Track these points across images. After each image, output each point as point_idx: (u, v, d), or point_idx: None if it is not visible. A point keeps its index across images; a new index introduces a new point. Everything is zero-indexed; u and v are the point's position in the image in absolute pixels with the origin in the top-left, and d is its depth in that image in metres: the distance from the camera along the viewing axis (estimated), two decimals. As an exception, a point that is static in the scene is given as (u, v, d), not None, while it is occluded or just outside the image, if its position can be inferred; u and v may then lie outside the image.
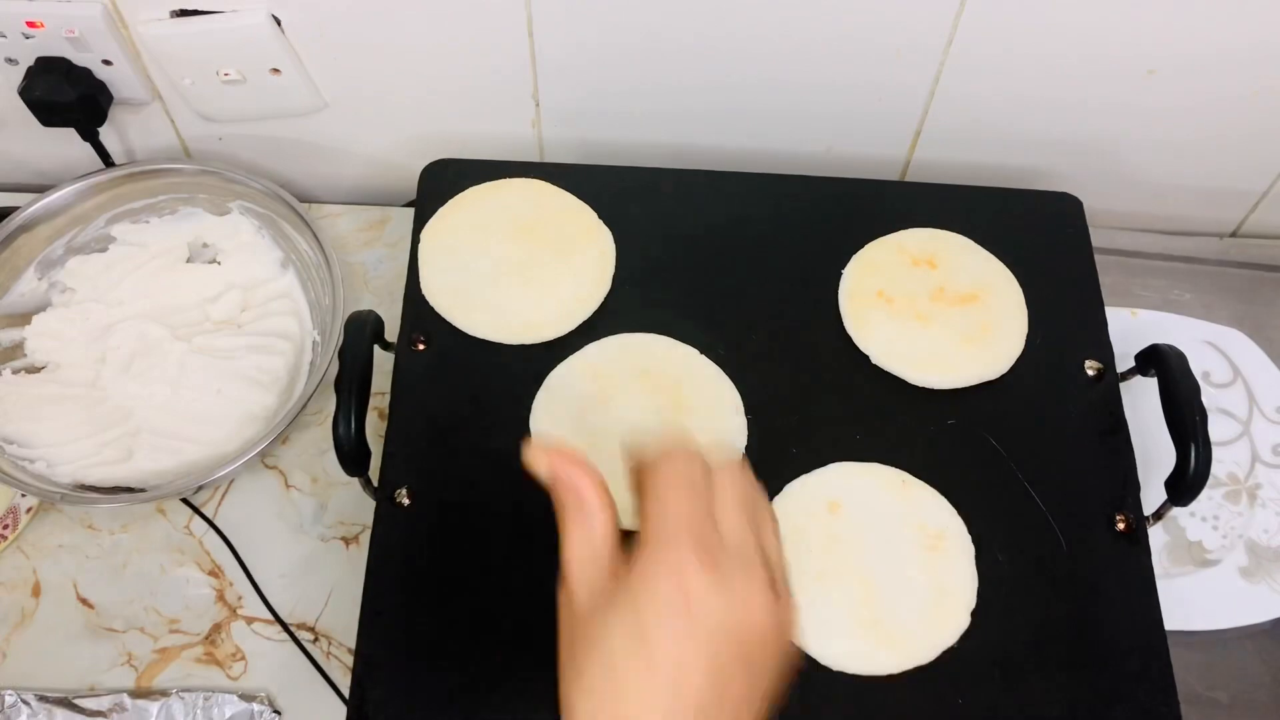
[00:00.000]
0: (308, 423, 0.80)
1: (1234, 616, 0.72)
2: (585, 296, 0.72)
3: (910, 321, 0.71)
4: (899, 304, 0.71)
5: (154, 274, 0.83)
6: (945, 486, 0.66)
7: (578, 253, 0.73)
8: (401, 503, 0.65)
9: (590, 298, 0.72)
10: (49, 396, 0.78)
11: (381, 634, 0.61)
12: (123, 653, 0.71)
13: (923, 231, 0.75)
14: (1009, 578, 0.63)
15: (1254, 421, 0.79)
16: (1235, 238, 0.92)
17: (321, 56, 0.79)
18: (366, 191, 0.92)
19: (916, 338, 0.70)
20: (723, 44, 0.78)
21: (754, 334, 0.71)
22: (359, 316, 0.68)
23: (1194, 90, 0.79)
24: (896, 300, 0.71)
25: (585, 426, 0.67)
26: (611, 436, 0.51)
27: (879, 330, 0.71)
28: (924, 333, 0.70)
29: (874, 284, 0.72)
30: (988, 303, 0.72)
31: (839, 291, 0.73)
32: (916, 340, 0.70)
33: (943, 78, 0.79)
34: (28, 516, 0.75)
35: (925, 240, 0.74)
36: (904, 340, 0.70)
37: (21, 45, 0.76)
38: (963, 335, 0.70)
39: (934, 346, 0.70)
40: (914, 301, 0.71)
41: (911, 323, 0.71)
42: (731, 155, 0.86)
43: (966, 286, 0.72)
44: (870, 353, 0.70)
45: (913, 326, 0.70)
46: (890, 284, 0.72)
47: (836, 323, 0.72)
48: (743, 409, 0.68)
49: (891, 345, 0.70)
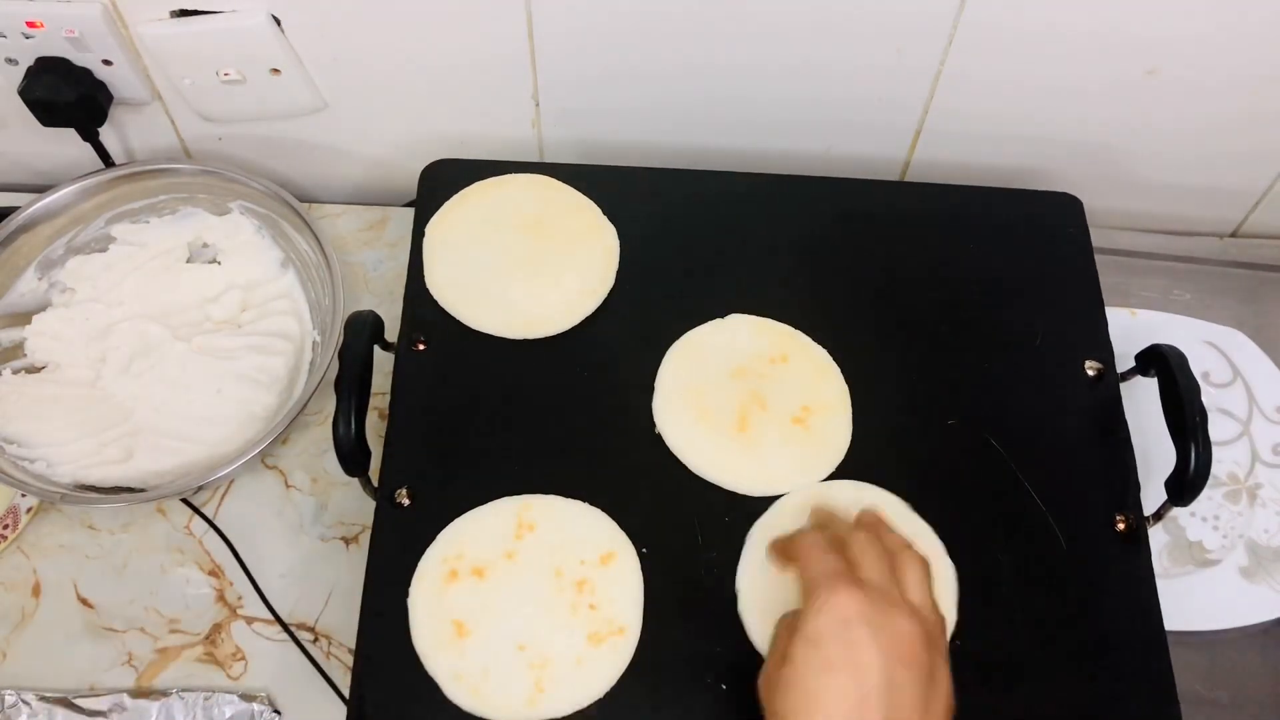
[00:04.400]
0: (308, 423, 0.80)
1: (1234, 616, 0.72)
2: (590, 291, 0.72)
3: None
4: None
5: (154, 274, 0.83)
6: (945, 488, 0.66)
7: (582, 248, 0.73)
8: (401, 503, 0.65)
9: (594, 293, 0.72)
10: (49, 396, 0.78)
11: (381, 634, 0.61)
12: (123, 653, 0.71)
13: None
14: (1009, 578, 0.63)
15: (1254, 421, 0.79)
16: (1235, 238, 0.92)
17: (321, 56, 0.79)
18: (366, 191, 0.92)
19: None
20: (722, 44, 0.77)
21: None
22: (359, 316, 0.68)
23: (1194, 90, 0.79)
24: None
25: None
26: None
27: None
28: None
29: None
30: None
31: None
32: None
33: (943, 77, 0.79)
34: (28, 516, 0.75)
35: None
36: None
37: (21, 45, 0.76)
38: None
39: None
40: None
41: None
42: (731, 155, 0.86)
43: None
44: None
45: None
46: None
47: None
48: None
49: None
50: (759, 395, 0.68)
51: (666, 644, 0.61)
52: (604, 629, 0.60)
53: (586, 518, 0.64)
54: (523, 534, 0.63)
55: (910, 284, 0.74)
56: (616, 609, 0.61)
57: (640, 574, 0.63)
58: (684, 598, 0.62)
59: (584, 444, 0.67)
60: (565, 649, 0.60)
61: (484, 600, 0.61)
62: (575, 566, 0.62)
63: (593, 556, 0.63)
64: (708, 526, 0.64)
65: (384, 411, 0.76)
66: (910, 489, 0.66)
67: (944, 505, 0.65)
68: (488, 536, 0.63)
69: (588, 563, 0.62)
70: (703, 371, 0.69)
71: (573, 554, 0.63)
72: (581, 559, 0.62)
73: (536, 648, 0.60)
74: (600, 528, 0.64)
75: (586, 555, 0.62)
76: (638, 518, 0.64)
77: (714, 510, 0.65)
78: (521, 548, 0.63)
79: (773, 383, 0.69)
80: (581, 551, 0.63)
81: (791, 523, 0.63)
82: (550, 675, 0.59)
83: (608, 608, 0.61)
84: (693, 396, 0.68)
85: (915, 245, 0.75)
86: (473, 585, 0.61)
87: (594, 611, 0.61)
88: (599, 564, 0.62)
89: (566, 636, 0.60)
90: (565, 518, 0.64)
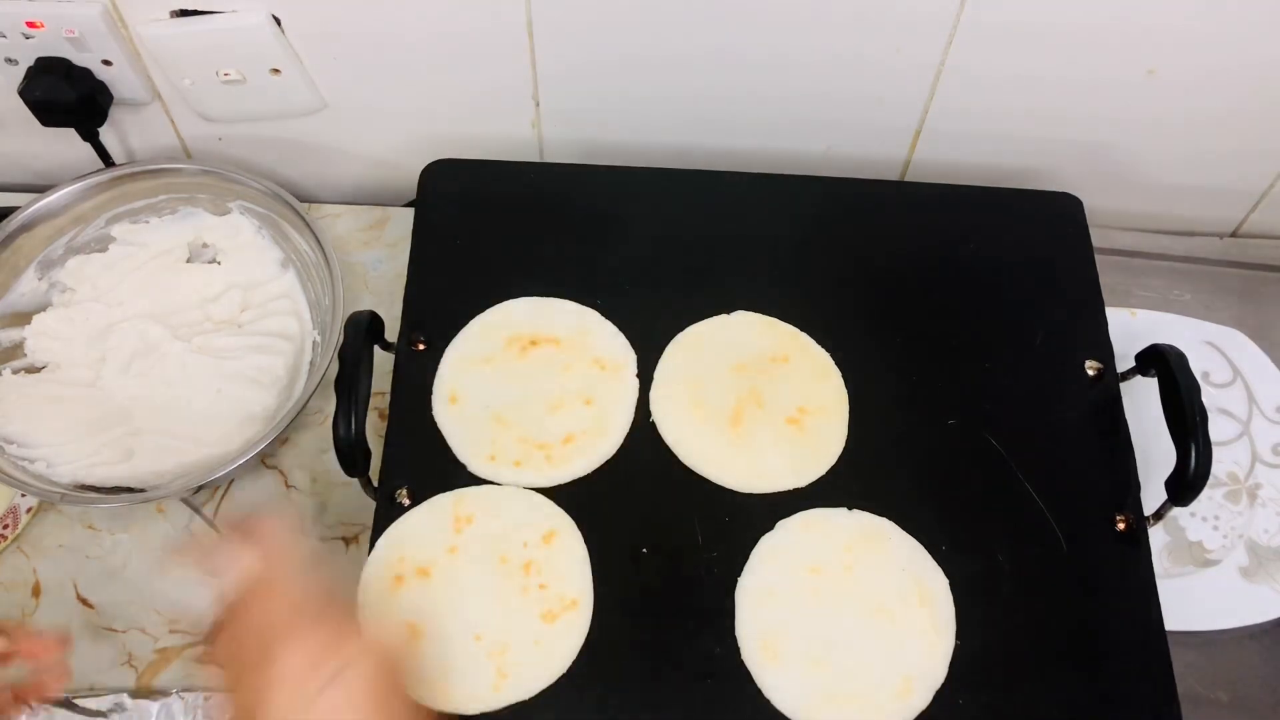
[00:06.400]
0: (308, 423, 0.80)
1: (1234, 616, 0.72)
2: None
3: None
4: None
5: (154, 274, 0.83)
6: (945, 488, 0.66)
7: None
8: (401, 503, 0.65)
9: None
10: (49, 396, 0.78)
11: (381, 634, 0.61)
12: (123, 653, 0.71)
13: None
14: (1009, 578, 0.63)
15: (1254, 421, 0.79)
16: (1235, 238, 0.92)
17: (321, 56, 0.79)
18: (366, 191, 0.92)
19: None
20: (722, 44, 0.77)
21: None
22: (358, 317, 0.68)
23: (1194, 90, 0.79)
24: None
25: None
26: None
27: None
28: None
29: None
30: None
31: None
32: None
33: (943, 77, 0.79)
34: (28, 516, 0.75)
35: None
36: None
37: (21, 45, 0.76)
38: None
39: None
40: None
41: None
42: (731, 155, 0.86)
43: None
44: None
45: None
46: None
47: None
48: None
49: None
50: (757, 393, 0.68)
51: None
52: (557, 605, 0.61)
53: (523, 501, 0.65)
54: (461, 527, 0.63)
55: (910, 284, 0.74)
56: (566, 584, 0.62)
57: (584, 546, 0.63)
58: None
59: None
60: (522, 632, 0.60)
61: (433, 598, 0.61)
62: (519, 550, 0.62)
63: (535, 538, 0.63)
64: (698, 520, 0.65)
65: (384, 411, 0.76)
66: (910, 489, 0.66)
67: (944, 505, 0.65)
68: (426, 535, 0.63)
69: (531, 544, 0.63)
70: (703, 364, 0.69)
71: (515, 539, 0.63)
72: (524, 541, 0.63)
73: (493, 636, 0.60)
74: (538, 509, 0.64)
75: (529, 537, 0.63)
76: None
77: (699, 501, 0.65)
78: (462, 541, 0.63)
79: (772, 382, 0.69)
80: (523, 535, 0.63)
81: (796, 540, 0.64)
82: (511, 660, 0.60)
83: (557, 584, 0.62)
84: (692, 387, 0.68)
85: (915, 245, 0.75)
86: (420, 586, 0.62)
87: (544, 590, 0.61)
88: (543, 544, 0.63)
89: (521, 619, 0.61)
90: (501, 505, 0.64)
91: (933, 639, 0.61)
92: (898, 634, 0.61)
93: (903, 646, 0.61)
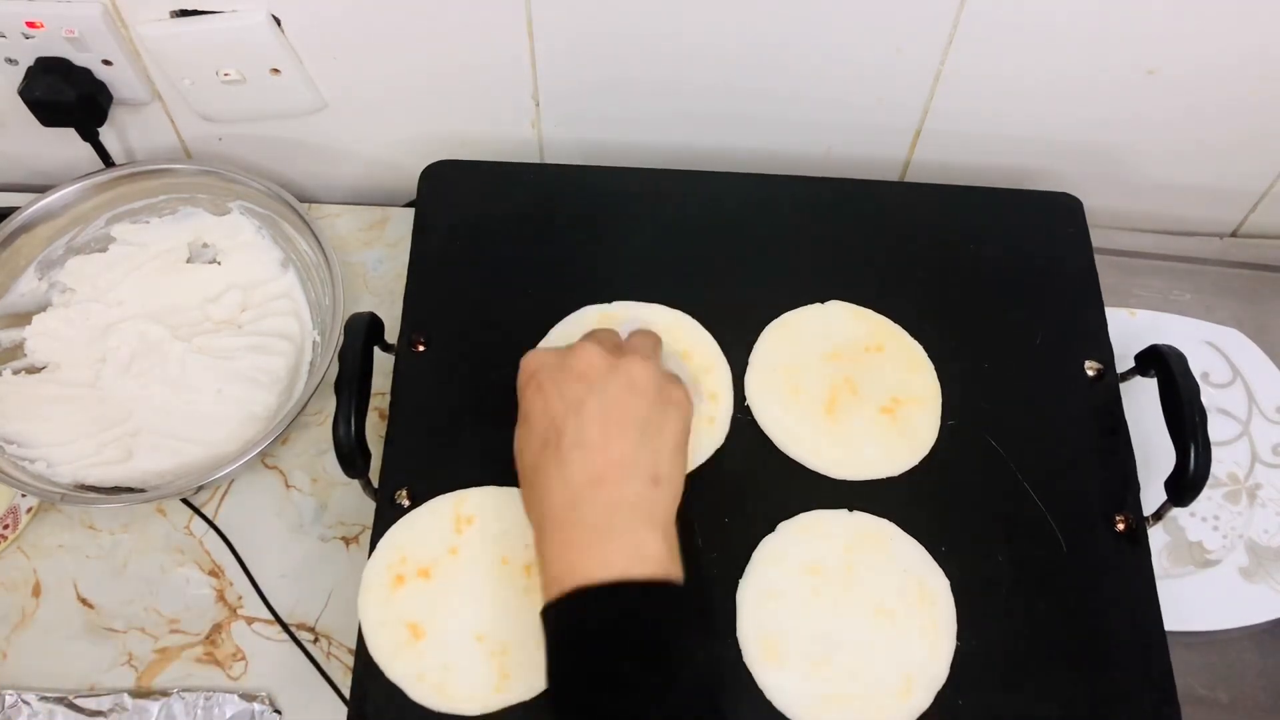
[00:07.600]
0: (308, 423, 0.80)
1: (1234, 616, 0.72)
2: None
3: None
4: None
5: (154, 274, 0.83)
6: (945, 488, 0.66)
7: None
8: (401, 503, 0.65)
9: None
10: (49, 396, 0.78)
11: (381, 634, 0.61)
12: (123, 653, 0.71)
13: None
14: (1009, 578, 0.63)
15: (1254, 421, 0.79)
16: (1235, 238, 0.92)
17: (321, 56, 0.79)
18: (366, 191, 0.92)
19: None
20: (723, 44, 0.77)
21: (753, 336, 0.71)
22: (358, 317, 0.68)
23: (1194, 90, 0.79)
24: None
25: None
26: None
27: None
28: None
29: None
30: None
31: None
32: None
33: (943, 77, 0.79)
34: (28, 516, 0.75)
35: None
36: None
37: (21, 45, 0.76)
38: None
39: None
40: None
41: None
42: (731, 156, 0.86)
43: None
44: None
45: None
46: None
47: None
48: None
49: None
50: (851, 381, 0.68)
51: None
52: None
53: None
54: (462, 528, 0.63)
55: (910, 284, 0.74)
56: None
57: None
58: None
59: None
60: (524, 632, 0.60)
61: (434, 599, 0.61)
62: (521, 551, 0.62)
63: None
64: (699, 521, 0.64)
65: (384, 411, 0.76)
66: (910, 490, 0.66)
67: (943, 505, 0.65)
68: (427, 536, 0.63)
69: (532, 545, 0.61)
70: (796, 351, 0.70)
71: (517, 539, 0.62)
72: (526, 543, 0.62)
73: (495, 636, 0.60)
74: None
75: (530, 538, 0.62)
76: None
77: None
78: (463, 542, 0.63)
79: (866, 370, 0.69)
80: (525, 535, 0.62)
81: (796, 541, 0.64)
82: (513, 660, 0.59)
83: None
84: (787, 375, 0.69)
85: (915, 245, 0.75)
86: (420, 586, 0.61)
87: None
88: None
89: (523, 619, 0.60)
90: (503, 506, 0.64)
91: (934, 639, 0.61)
92: (899, 635, 0.61)
93: (904, 647, 0.61)
